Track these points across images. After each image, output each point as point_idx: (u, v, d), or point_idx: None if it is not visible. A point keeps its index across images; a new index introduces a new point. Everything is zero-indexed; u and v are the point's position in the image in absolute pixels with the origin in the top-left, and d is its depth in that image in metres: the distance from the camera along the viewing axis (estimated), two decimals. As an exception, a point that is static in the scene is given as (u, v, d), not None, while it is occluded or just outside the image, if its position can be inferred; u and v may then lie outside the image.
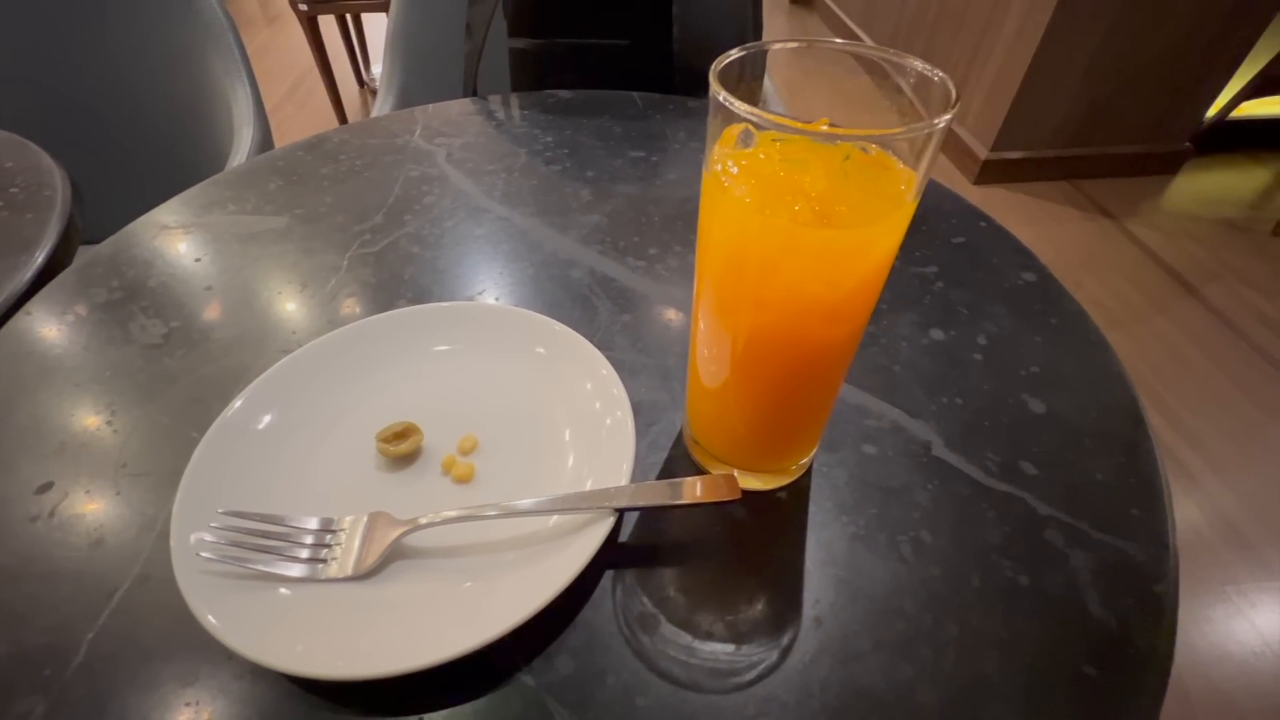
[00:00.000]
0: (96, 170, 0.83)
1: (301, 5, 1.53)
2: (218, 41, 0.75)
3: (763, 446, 0.30)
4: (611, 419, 0.30)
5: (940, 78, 0.20)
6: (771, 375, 0.26)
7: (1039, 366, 0.36)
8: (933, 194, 0.50)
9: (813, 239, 0.20)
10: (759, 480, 0.31)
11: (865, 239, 0.21)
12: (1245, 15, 1.53)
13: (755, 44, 0.21)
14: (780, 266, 0.21)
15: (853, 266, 0.21)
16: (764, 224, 0.20)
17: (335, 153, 0.53)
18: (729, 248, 0.22)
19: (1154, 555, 0.28)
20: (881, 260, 0.22)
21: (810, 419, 0.29)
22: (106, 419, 0.33)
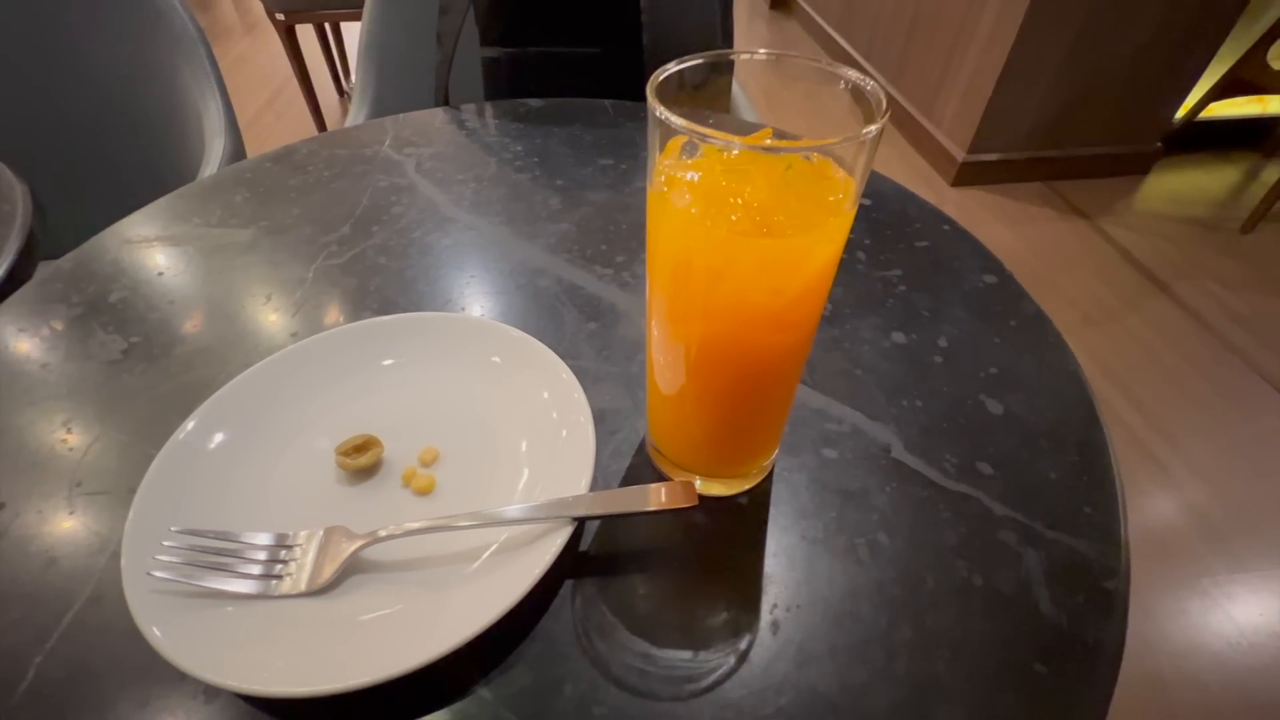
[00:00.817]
0: (65, 184, 0.82)
1: (279, 15, 1.52)
2: (188, 53, 0.75)
3: (721, 452, 0.30)
4: (572, 427, 0.31)
5: (871, 88, 0.20)
6: (724, 382, 0.26)
7: (997, 368, 0.37)
8: (898, 198, 0.51)
9: (753, 248, 0.20)
10: (721, 485, 0.31)
11: (804, 246, 0.21)
12: (1210, 19, 1.56)
13: (691, 57, 0.21)
14: (723, 276, 0.21)
15: (794, 274, 0.21)
16: (705, 234, 0.20)
17: (304, 164, 0.53)
18: (673, 258, 0.23)
19: (1104, 552, 0.29)
20: (823, 267, 0.22)
21: (766, 424, 0.29)
22: (62, 437, 0.33)
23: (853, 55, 2.33)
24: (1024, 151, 1.77)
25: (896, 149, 2.00)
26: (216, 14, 2.88)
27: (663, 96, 0.20)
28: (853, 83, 0.21)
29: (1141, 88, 1.67)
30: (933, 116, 1.90)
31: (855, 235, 0.47)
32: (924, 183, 1.85)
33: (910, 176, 1.88)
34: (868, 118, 0.20)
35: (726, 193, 0.20)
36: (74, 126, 0.80)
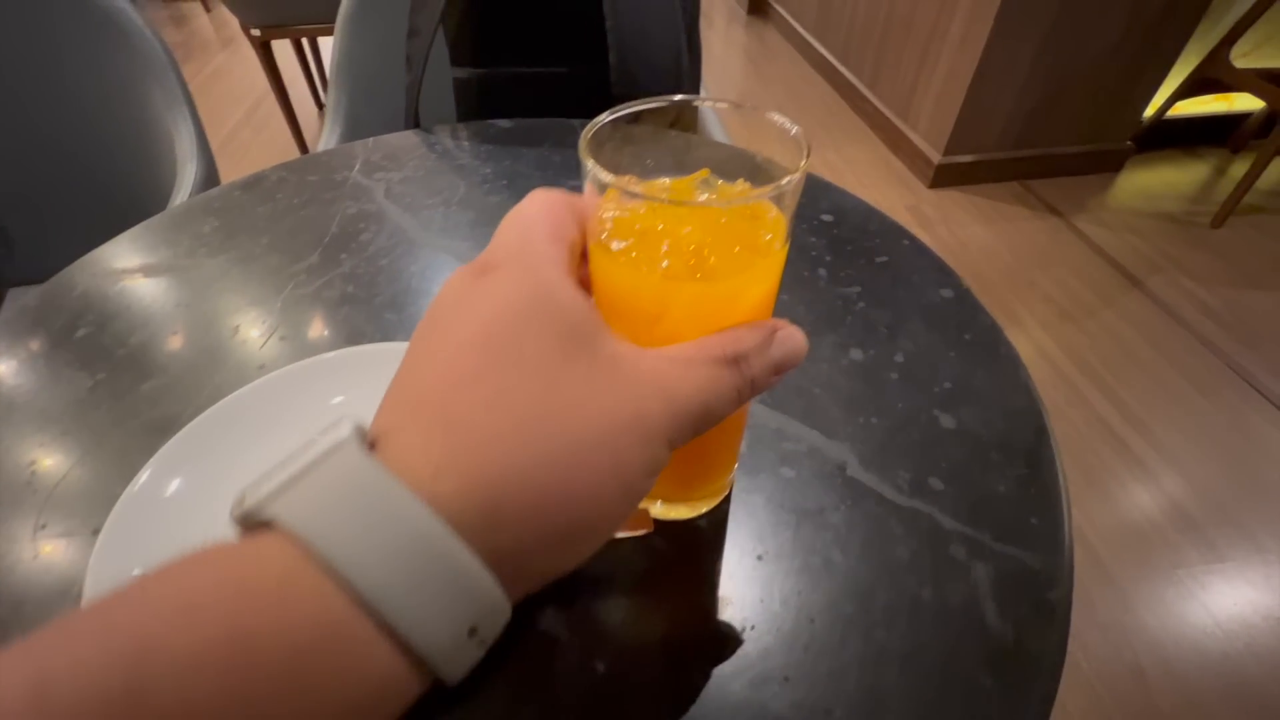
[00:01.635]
0: (35, 210, 0.81)
1: (254, 31, 1.52)
2: (158, 76, 0.75)
3: (678, 479, 0.31)
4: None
5: (794, 133, 0.21)
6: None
7: (951, 382, 0.38)
8: (859, 214, 0.52)
9: (686, 292, 0.21)
10: (683, 509, 0.32)
11: (736, 289, 0.22)
12: (1174, 20, 1.60)
13: (623, 107, 0.22)
14: (661, 318, 0.22)
15: (728, 315, 0.22)
16: (639, 279, 0.21)
17: (273, 191, 0.54)
18: (612, 299, 0.23)
19: (1049, 562, 0.30)
20: (757, 304, 0.23)
21: (720, 450, 0.30)
22: (27, 478, 0.33)
23: (829, 60, 2.35)
24: (999, 152, 1.80)
25: (874, 152, 2.02)
26: (193, 27, 2.86)
27: (600, 141, 0.21)
28: (776, 127, 0.22)
29: (1110, 88, 1.71)
30: (908, 119, 1.93)
31: (816, 252, 0.48)
32: (902, 185, 1.87)
33: (888, 179, 1.90)
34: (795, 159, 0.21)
35: (661, 237, 0.21)
36: (43, 152, 0.80)
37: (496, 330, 0.16)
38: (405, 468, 0.14)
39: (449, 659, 0.14)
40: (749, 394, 0.19)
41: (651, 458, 0.16)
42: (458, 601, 0.14)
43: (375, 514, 0.13)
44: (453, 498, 0.14)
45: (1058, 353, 1.38)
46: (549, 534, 0.15)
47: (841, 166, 1.96)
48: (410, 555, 0.13)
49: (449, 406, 0.15)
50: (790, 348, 0.20)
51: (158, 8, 3.10)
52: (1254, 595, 0.99)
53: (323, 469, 0.14)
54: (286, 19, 1.47)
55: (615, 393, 0.16)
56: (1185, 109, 1.85)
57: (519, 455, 0.14)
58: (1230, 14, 1.68)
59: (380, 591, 0.13)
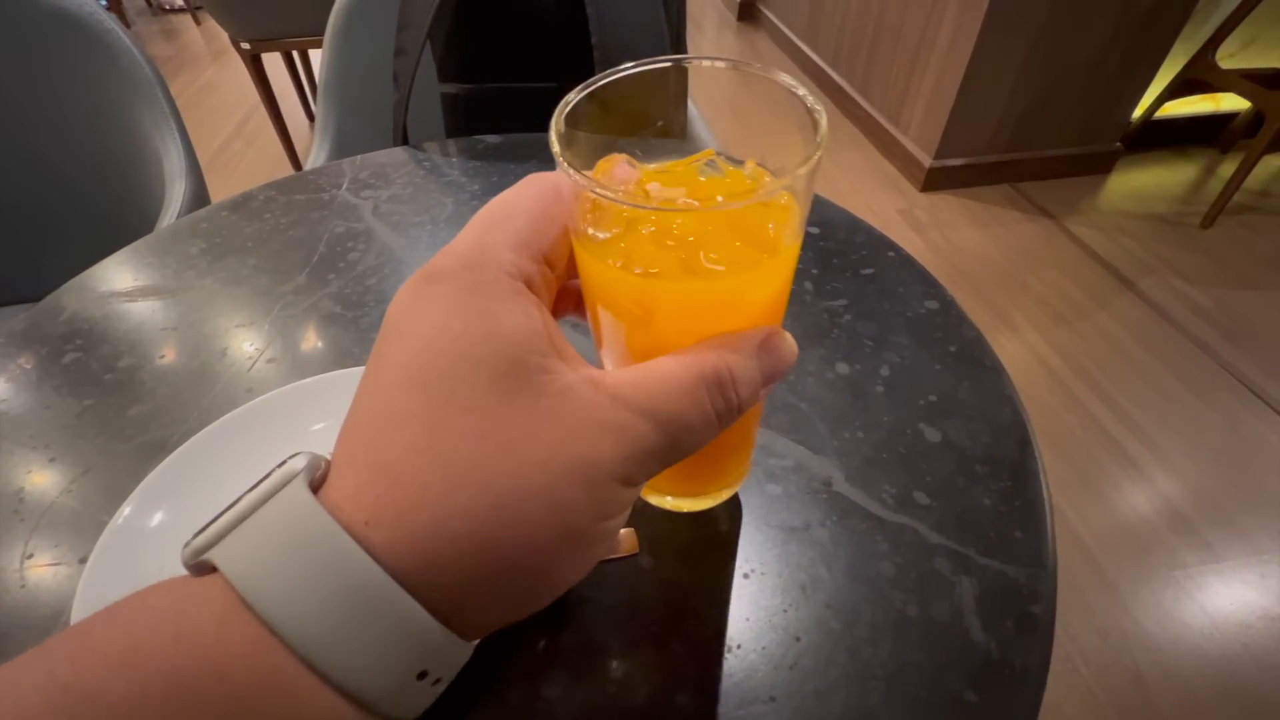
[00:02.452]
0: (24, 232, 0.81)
1: (244, 44, 1.53)
2: (145, 96, 0.75)
3: (685, 479, 0.30)
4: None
5: (806, 99, 0.18)
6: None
7: (936, 395, 0.38)
8: (846, 226, 0.52)
9: (676, 293, 0.18)
10: (695, 502, 0.31)
11: (737, 290, 0.19)
12: (1160, 22, 1.61)
13: (590, 81, 0.19)
14: (648, 322, 0.19)
15: (728, 320, 0.19)
16: (622, 276, 0.18)
17: (261, 211, 0.54)
18: (597, 298, 0.20)
19: (1033, 576, 0.30)
20: (763, 309, 0.20)
21: (728, 452, 0.28)
22: (14, 507, 0.33)
23: (820, 65, 2.37)
24: (989, 155, 1.81)
25: (866, 156, 2.03)
26: (183, 41, 2.87)
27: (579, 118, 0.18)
28: (794, 93, 0.19)
29: (1099, 90, 1.72)
30: (899, 124, 1.94)
31: (803, 265, 0.48)
32: (894, 189, 1.88)
33: (880, 183, 1.91)
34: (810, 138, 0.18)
35: (651, 227, 0.18)
36: (32, 172, 0.80)
37: (429, 362, 0.15)
38: (343, 513, 0.14)
39: (398, 702, 0.14)
40: (732, 418, 0.17)
41: (600, 502, 0.15)
42: (398, 647, 0.13)
43: (310, 562, 0.13)
44: (387, 546, 0.13)
45: (1052, 355, 1.38)
46: (493, 583, 0.14)
47: (834, 172, 1.97)
48: (345, 603, 0.13)
49: (381, 449, 0.14)
50: (780, 361, 0.18)
51: (148, 21, 3.11)
52: (1250, 596, 0.99)
53: (264, 512, 0.14)
54: (276, 32, 1.48)
55: (556, 434, 0.14)
56: (1173, 110, 1.86)
57: (447, 507, 0.14)
58: (1215, 16, 1.69)
59: (313, 640, 0.13)
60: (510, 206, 0.18)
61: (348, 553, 0.13)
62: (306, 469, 0.14)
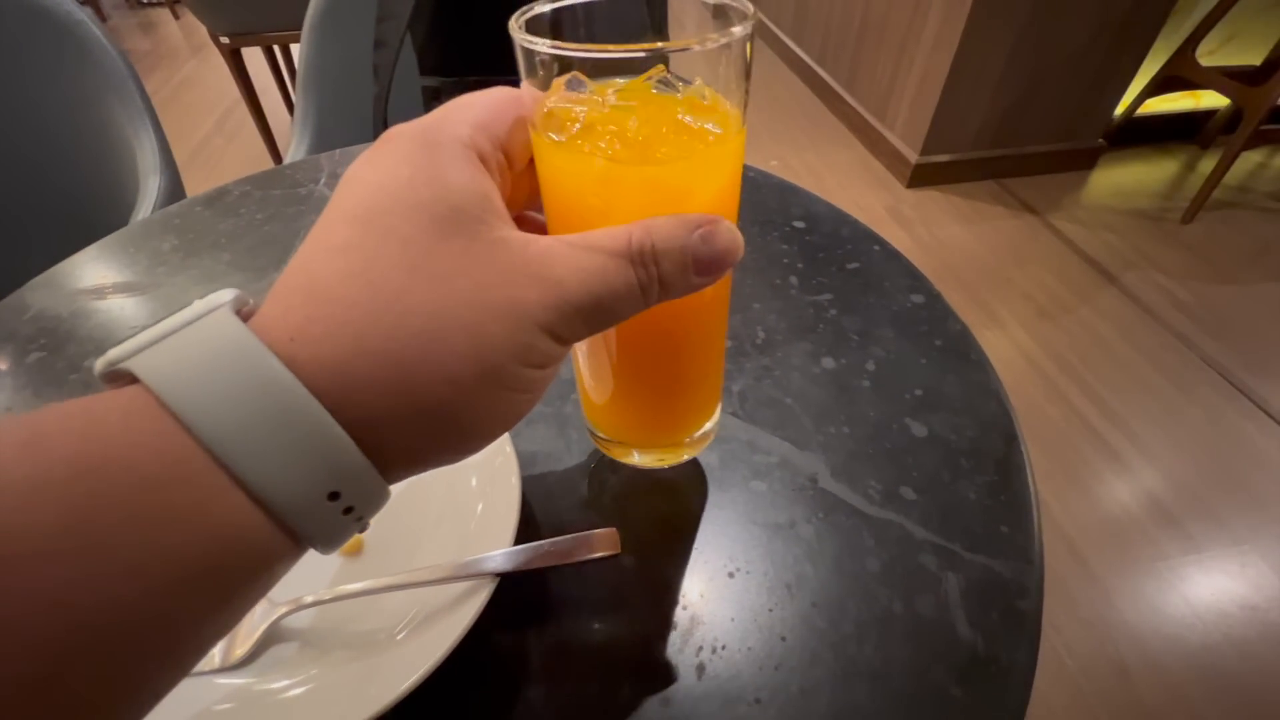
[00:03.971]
0: (-6, 227, 0.79)
1: (223, 39, 1.50)
2: (118, 89, 0.73)
3: (644, 422, 0.29)
4: (499, 480, 0.31)
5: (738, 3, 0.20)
6: (638, 333, 0.25)
7: (922, 389, 0.38)
8: (831, 220, 0.52)
9: (633, 178, 0.19)
10: (659, 456, 0.31)
11: (689, 175, 0.20)
12: (1141, 20, 1.63)
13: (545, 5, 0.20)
14: (607, 211, 0.20)
15: (681, 207, 0.19)
16: (582, 166, 0.19)
17: (236, 206, 0.52)
18: (557, 195, 0.21)
19: (1019, 571, 0.30)
20: (714, 197, 0.21)
21: (685, 388, 0.28)
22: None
23: (806, 61, 2.37)
24: (974, 151, 1.82)
25: (853, 153, 2.04)
26: (162, 35, 2.81)
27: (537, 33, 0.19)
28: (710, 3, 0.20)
29: (1081, 86, 1.74)
30: (885, 120, 1.94)
31: (788, 260, 0.48)
32: (880, 185, 1.89)
33: (867, 179, 1.92)
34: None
35: (609, 125, 0.19)
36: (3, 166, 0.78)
37: (376, 202, 0.15)
38: (269, 333, 0.14)
39: (308, 519, 0.14)
40: (658, 292, 0.17)
41: (523, 345, 0.15)
42: (309, 456, 0.13)
43: (225, 367, 0.13)
44: (308, 360, 0.14)
45: (1036, 350, 1.39)
46: (408, 410, 0.14)
47: (821, 168, 1.97)
48: (259, 409, 0.13)
49: (314, 275, 0.15)
50: (718, 245, 0.18)
51: (125, 15, 3.04)
52: (1230, 585, 1.00)
53: (186, 330, 0.14)
54: (255, 26, 1.45)
55: (487, 274, 0.15)
56: (1155, 106, 1.88)
57: (372, 326, 0.14)
58: (1195, 13, 1.71)
59: (223, 437, 0.13)
60: (472, 98, 0.19)
61: (265, 362, 0.13)
62: (233, 301, 0.14)
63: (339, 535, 0.15)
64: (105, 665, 0.12)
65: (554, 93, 0.19)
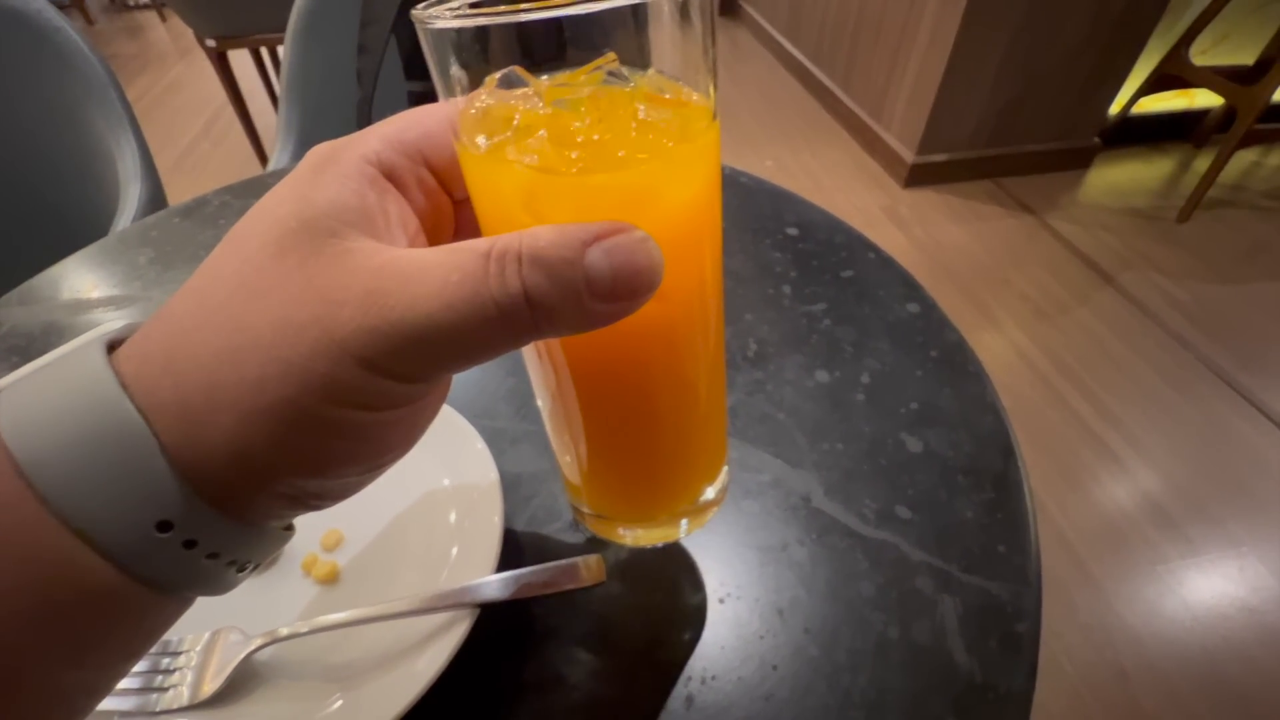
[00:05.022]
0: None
1: (209, 42, 1.48)
2: (98, 97, 0.72)
3: (631, 495, 0.24)
4: (481, 506, 0.30)
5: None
6: (610, 387, 0.20)
7: (918, 402, 0.37)
8: (825, 228, 0.51)
9: (567, 189, 0.15)
10: (657, 533, 0.25)
11: (639, 185, 0.16)
12: (1134, 19, 1.63)
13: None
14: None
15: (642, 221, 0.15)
16: (506, 176, 0.16)
17: (215, 217, 0.51)
18: (484, 213, 0.17)
19: (1017, 593, 0.29)
20: (682, 210, 0.17)
21: (674, 451, 0.22)
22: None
23: (801, 61, 2.36)
24: (970, 151, 1.82)
25: (849, 153, 2.03)
26: (149, 38, 2.79)
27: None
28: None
29: (1076, 86, 1.73)
30: (882, 120, 1.94)
31: (781, 269, 0.47)
32: (877, 185, 1.88)
33: (863, 179, 1.91)
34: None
35: (542, 127, 0.15)
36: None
37: (245, 220, 0.15)
38: (120, 358, 0.13)
39: (140, 556, 0.13)
40: (530, 319, 0.13)
41: (327, 377, 0.13)
42: (124, 482, 0.12)
43: (63, 394, 0.13)
44: (131, 378, 0.13)
45: (1034, 351, 1.39)
46: (216, 440, 0.13)
47: (816, 168, 1.96)
48: (79, 430, 0.12)
49: (172, 297, 0.14)
50: (622, 262, 0.13)
51: (112, 18, 3.02)
52: (1228, 588, 1.00)
53: (55, 362, 0.13)
54: (241, 29, 1.43)
55: (302, 292, 0.13)
56: (1149, 106, 1.88)
57: (182, 344, 0.13)
58: (1188, 13, 1.71)
59: (40, 462, 0.12)
60: (415, 111, 0.17)
61: (102, 385, 0.13)
62: (122, 329, 0.14)
63: (203, 577, 0.14)
64: None
65: (483, 91, 0.16)
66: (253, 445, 0.13)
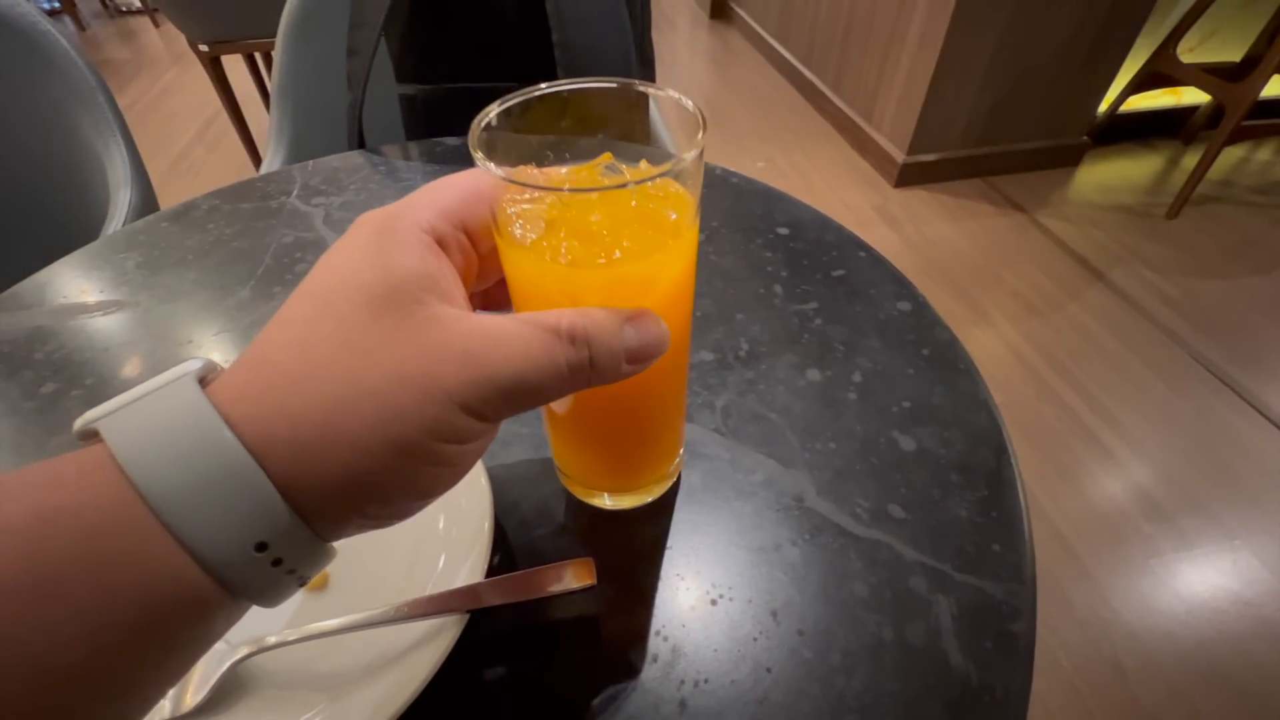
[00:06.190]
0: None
1: (202, 47, 1.47)
2: (87, 101, 0.71)
3: (620, 470, 0.31)
4: (471, 509, 0.29)
5: (690, 107, 0.21)
6: (604, 408, 0.26)
7: (910, 401, 0.37)
8: (815, 227, 0.51)
9: (591, 280, 0.20)
10: (629, 498, 0.32)
11: (647, 273, 0.21)
12: (1122, 18, 1.64)
13: (512, 96, 0.21)
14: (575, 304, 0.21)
15: (640, 302, 0.21)
16: (543, 269, 0.20)
17: (203, 221, 0.51)
18: (522, 293, 0.22)
19: (1012, 592, 0.29)
20: (671, 290, 0.22)
21: (658, 437, 0.30)
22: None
23: (792, 62, 2.37)
24: (961, 150, 1.82)
25: (840, 153, 2.03)
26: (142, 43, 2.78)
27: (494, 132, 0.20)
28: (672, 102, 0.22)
29: (1065, 84, 1.74)
30: (872, 120, 1.94)
31: (772, 268, 0.47)
32: (868, 185, 1.88)
33: (854, 179, 1.91)
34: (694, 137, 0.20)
35: (565, 225, 0.20)
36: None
37: (325, 283, 0.17)
38: (217, 395, 0.15)
39: (237, 569, 0.14)
40: (587, 377, 0.18)
41: (434, 419, 0.16)
42: (234, 504, 0.14)
43: (175, 428, 0.14)
44: (241, 420, 0.15)
45: (1026, 348, 1.39)
46: (323, 471, 0.15)
47: (808, 168, 1.97)
48: (192, 457, 0.14)
49: (264, 345, 0.16)
50: (647, 338, 0.19)
51: (104, 23, 3.00)
52: (1223, 581, 1.00)
53: (154, 394, 0.15)
54: (234, 34, 1.43)
55: (407, 349, 0.16)
56: (1138, 103, 1.89)
57: (296, 391, 0.15)
58: (1175, 11, 1.72)
59: (158, 484, 0.14)
60: (444, 181, 0.20)
61: (207, 421, 0.14)
62: (202, 368, 0.16)
63: (274, 590, 0.16)
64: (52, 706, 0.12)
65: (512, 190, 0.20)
66: (367, 473, 0.15)
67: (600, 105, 0.22)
